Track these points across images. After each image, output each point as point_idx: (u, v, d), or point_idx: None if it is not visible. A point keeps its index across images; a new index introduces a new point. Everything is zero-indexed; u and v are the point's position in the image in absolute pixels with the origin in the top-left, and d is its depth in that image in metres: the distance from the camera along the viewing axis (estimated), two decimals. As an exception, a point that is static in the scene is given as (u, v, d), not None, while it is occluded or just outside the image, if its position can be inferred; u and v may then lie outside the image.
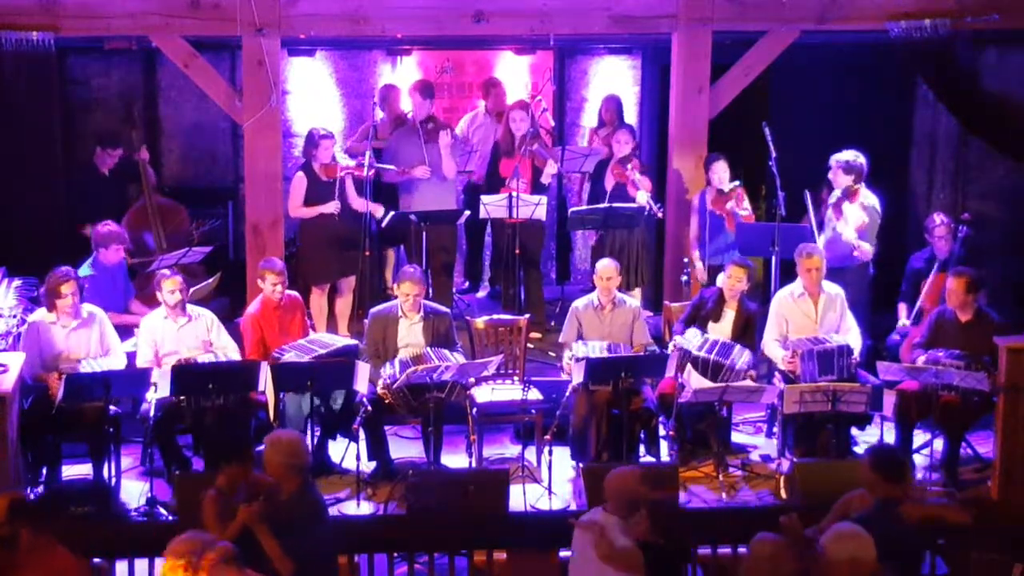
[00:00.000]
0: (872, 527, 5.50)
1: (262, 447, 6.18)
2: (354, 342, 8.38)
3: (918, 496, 6.42)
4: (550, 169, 9.99)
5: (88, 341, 8.04)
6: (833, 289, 8.58)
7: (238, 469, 6.04)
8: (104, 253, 8.80)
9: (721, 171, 9.47)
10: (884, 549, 5.49)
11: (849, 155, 9.17)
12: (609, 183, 9.90)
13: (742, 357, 8.17)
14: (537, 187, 10.06)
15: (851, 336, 8.45)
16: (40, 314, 8.04)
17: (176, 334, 8.17)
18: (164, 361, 8.04)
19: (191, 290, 8.50)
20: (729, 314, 8.55)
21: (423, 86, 10.10)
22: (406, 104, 10.39)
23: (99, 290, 8.63)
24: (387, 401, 7.95)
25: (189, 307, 8.25)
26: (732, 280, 8.49)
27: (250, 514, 5.76)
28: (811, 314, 8.51)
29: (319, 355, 7.98)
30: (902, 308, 9.36)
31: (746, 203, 9.54)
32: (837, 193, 9.23)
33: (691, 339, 8.28)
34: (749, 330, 8.55)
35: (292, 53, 10.85)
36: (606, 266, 8.55)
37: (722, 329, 8.51)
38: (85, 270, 8.72)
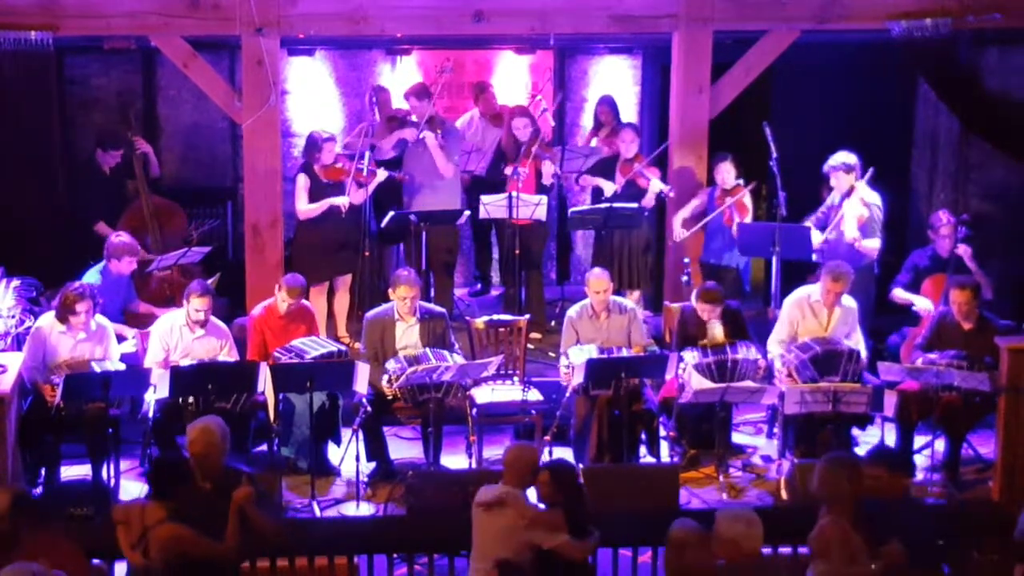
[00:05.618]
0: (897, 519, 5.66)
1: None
2: (340, 347, 8.32)
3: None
4: (548, 169, 9.97)
5: (92, 352, 8.04)
6: (849, 302, 8.49)
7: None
8: (116, 264, 8.81)
9: (725, 171, 9.46)
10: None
11: (843, 156, 9.13)
12: (619, 182, 9.83)
13: (748, 351, 8.15)
14: (540, 188, 10.03)
15: (858, 348, 8.37)
16: (48, 320, 8.02)
17: (190, 344, 8.19)
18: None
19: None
20: (714, 323, 8.39)
21: (418, 89, 10.07)
22: (397, 104, 10.35)
23: (101, 297, 8.60)
24: (395, 395, 7.91)
25: (212, 319, 8.29)
26: (707, 314, 8.34)
27: (246, 496, 5.80)
28: (823, 322, 8.44)
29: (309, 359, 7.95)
30: (898, 292, 9.23)
31: (747, 199, 9.49)
32: (835, 197, 9.19)
33: (690, 360, 8.18)
34: (740, 325, 8.47)
35: (291, 53, 10.82)
36: (597, 278, 8.41)
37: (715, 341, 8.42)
38: (93, 276, 8.71)
